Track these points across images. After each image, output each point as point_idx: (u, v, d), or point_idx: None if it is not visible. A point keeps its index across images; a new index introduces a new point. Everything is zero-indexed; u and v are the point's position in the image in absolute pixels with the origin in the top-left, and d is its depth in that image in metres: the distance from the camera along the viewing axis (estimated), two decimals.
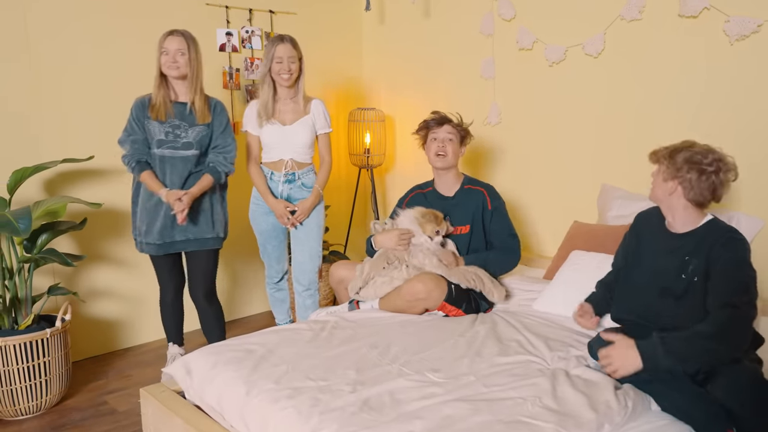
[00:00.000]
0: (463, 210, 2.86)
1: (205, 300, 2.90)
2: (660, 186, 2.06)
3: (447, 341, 2.31)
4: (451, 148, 2.84)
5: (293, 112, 3.01)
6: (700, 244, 2.01)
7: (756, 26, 2.62)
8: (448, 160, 2.85)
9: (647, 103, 3.03)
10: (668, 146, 2.08)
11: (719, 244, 1.97)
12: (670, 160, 2.02)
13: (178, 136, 2.70)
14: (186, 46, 2.67)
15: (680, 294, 2.03)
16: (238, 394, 1.96)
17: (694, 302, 2.00)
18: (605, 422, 1.74)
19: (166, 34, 2.69)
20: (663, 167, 2.04)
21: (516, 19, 3.49)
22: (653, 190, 2.10)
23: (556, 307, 2.61)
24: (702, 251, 1.99)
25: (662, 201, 2.09)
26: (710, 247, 1.98)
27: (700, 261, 1.99)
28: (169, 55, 2.66)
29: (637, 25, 3.01)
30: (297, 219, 3.02)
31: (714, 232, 2.02)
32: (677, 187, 2.02)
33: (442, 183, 2.92)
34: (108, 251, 3.38)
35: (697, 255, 2.00)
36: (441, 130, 2.85)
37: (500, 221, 2.86)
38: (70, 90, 3.19)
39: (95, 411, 2.79)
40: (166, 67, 2.67)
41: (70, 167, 3.17)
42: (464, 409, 1.78)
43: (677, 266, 2.04)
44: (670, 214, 2.10)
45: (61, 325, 2.77)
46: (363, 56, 4.43)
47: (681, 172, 1.99)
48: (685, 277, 2.02)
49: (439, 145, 2.84)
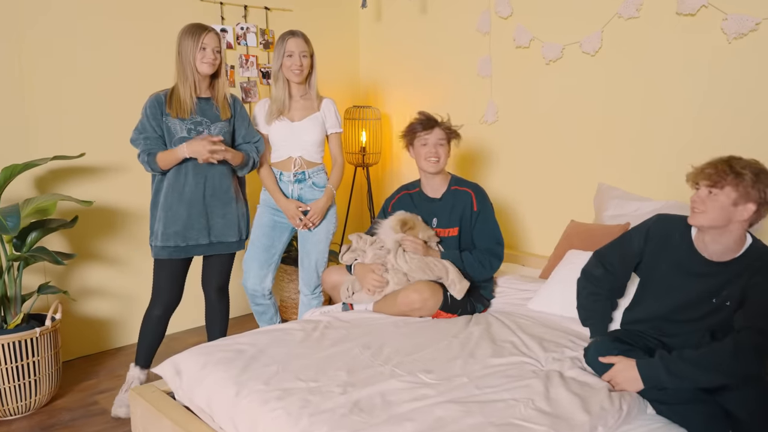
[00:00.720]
0: (451, 212, 2.76)
1: (217, 294, 2.85)
2: (725, 211, 1.84)
3: (440, 342, 2.28)
4: (443, 152, 2.75)
5: (304, 109, 2.93)
6: (741, 273, 1.89)
7: (754, 24, 2.60)
8: (439, 165, 2.75)
9: (645, 101, 3.00)
10: (720, 162, 1.86)
11: (761, 270, 1.86)
12: (745, 180, 1.81)
13: (200, 133, 2.62)
14: (219, 43, 2.62)
15: (704, 315, 1.96)
16: (228, 395, 1.93)
17: (718, 321, 1.94)
18: (599, 425, 1.71)
19: (204, 30, 2.58)
20: (733, 189, 1.82)
21: (513, 16, 3.46)
22: (708, 215, 1.86)
23: (552, 307, 2.59)
24: (741, 278, 1.89)
25: (719, 227, 1.87)
26: (751, 275, 1.87)
27: (736, 287, 1.89)
28: (207, 50, 2.58)
29: (634, 23, 2.98)
30: (310, 219, 2.91)
31: (757, 259, 1.89)
32: (753, 209, 1.83)
33: (429, 185, 2.83)
34: (99, 249, 3.35)
35: (735, 282, 1.90)
36: (431, 135, 2.73)
37: (485, 225, 2.74)
38: (62, 87, 3.16)
39: (85, 411, 2.76)
40: (204, 63, 2.58)
41: (61, 164, 3.13)
42: (456, 411, 1.75)
43: (709, 290, 1.94)
44: (718, 242, 1.91)
45: (51, 324, 2.74)
46: (359, 54, 4.40)
47: (760, 193, 1.80)
48: (716, 302, 1.93)
49: (430, 150, 2.73)
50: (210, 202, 2.69)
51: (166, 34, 3.41)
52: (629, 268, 2.20)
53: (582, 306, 2.26)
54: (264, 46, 3.85)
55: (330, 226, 3.01)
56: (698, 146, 2.78)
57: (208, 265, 2.83)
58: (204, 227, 2.68)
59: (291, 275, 3.84)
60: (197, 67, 2.59)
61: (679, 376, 1.79)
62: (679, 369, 1.80)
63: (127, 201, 3.41)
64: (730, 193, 1.83)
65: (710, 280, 1.94)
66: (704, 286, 1.95)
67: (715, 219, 1.86)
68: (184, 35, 2.59)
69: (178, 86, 2.63)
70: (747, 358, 1.75)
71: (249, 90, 3.81)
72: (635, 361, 1.88)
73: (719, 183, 1.84)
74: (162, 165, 2.61)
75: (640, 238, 2.14)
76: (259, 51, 3.85)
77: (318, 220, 2.95)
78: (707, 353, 1.80)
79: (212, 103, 2.68)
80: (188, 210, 2.65)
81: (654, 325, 2.07)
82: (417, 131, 2.76)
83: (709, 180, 1.85)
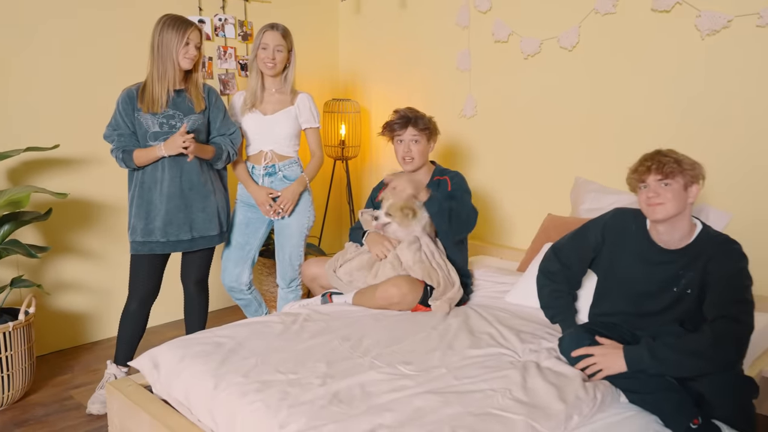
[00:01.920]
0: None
1: (196, 287, 2.83)
2: (679, 197, 1.94)
3: (419, 334, 2.30)
4: (418, 149, 2.77)
5: (277, 102, 2.90)
6: (696, 258, 1.97)
7: (726, 21, 2.65)
8: (416, 163, 2.78)
9: (621, 96, 3.04)
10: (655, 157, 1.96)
11: (717, 256, 1.94)
12: (684, 164, 1.94)
13: (173, 126, 2.58)
14: (201, 39, 2.58)
15: (667, 306, 2.02)
16: (206, 388, 1.92)
17: (684, 310, 2.00)
18: (574, 413, 1.74)
19: (189, 25, 2.54)
20: (680, 175, 1.94)
21: (492, 11, 3.48)
22: (670, 205, 1.95)
23: (529, 300, 2.61)
24: (697, 264, 1.96)
25: (680, 212, 1.96)
26: (707, 260, 1.94)
27: (695, 274, 1.96)
28: (191, 46, 2.54)
29: (611, 19, 3.02)
30: (280, 206, 2.89)
31: (710, 244, 1.97)
32: (698, 188, 1.96)
33: (414, 175, 2.88)
34: (74, 243, 3.31)
35: (692, 268, 1.97)
36: (405, 133, 2.76)
37: (460, 199, 2.72)
38: (35, 77, 3.10)
39: (60, 406, 2.72)
40: (185, 58, 2.54)
41: (35, 156, 3.08)
42: (435, 402, 1.77)
43: (667, 279, 2.01)
44: (674, 229, 2.00)
45: (24, 318, 2.70)
46: (339, 47, 4.39)
47: (698, 170, 1.96)
48: (677, 290, 2.00)
49: (404, 149, 2.77)
50: (189, 196, 2.66)
51: (141, 23, 3.36)
52: (586, 262, 2.25)
53: (547, 306, 2.30)
54: (242, 37, 3.82)
55: (304, 219, 2.99)
56: (671, 138, 2.83)
57: (187, 258, 2.81)
58: (184, 222, 2.66)
59: (270, 268, 3.82)
60: (179, 62, 2.55)
61: (662, 360, 1.84)
62: (662, 354, 1.85)
63: (103, 193, 3.36)
64: (679, 179, 1.94)
65: (668, 268, 2.02)
66: (663, 274, 2.02)
67: (675, 207, 1.94)
68: (165, 28, 2.52)
69: (150, 80, 2.57)
70: (726, 346, 1.81)
71: (227, 82, 3.78)
72: (622, 345, 1.92)
73: (671, 173, 1.93)
74: (138, 163, 2.58)
75: (597, 232, 2.20)
76: (238, 43, 3.82)
77: (289, 207, 2.90)
78: (689, 341, 1.85)
79: (185, 96, 2.64)
80: (167, 205, 2.62)
81: (623, 319, 2.12)
82: (393, 130, 2.79)
83: (661, 173, 1.94)
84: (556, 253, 2.31)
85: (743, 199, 2.70)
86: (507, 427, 1.64)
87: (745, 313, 1.84)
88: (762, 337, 2.49)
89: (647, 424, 1.81)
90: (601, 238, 2.19)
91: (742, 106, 2.68)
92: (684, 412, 1.80)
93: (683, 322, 2.02)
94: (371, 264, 2.69)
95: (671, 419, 1.80)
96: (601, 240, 2.19)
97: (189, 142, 2.52)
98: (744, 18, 2.61)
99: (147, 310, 2.74)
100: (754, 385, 1.86)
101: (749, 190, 2.69)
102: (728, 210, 2.63)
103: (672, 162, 1.94)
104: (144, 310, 2.72)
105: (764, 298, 2.63)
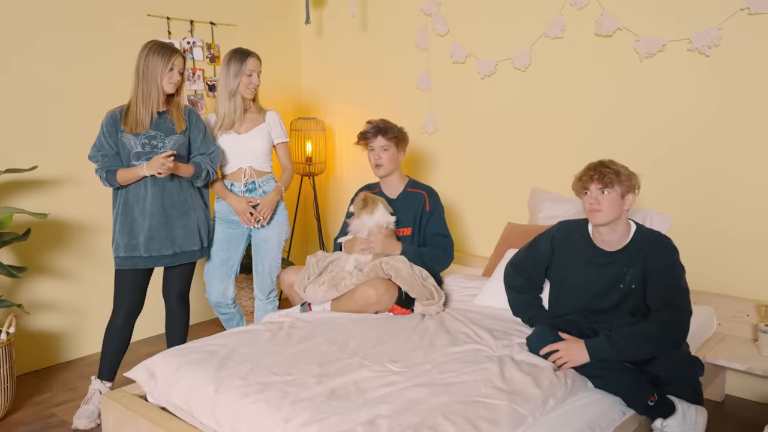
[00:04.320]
0: (406, 212, 3.01)
1: (178, 301, 2.91)
2: (617, 204, 2.19)
3: (401, 335, 2.47)
4: (387, 157, 3.00)
5: (250, 121, 3.04)
6: (635, 255, 2.24)
7: (661, 45, 2.96)
8: (385, 169, 3.01)
9: (570, 112, 3.32)
10: (597, 168, 2.21)
11: (652, 251, 2.21)
12: (622, 175, 2.19)
13: (155, 147, 2.68)
14: (185, 65, 2.70)
15: (618, 301, 2.28)
16: (207, 392, 2.03)
17: (632, 304, 2.26)
18: (549, 397, 1.95)
19: (174, 52, 2.65)
20: (618, 185, 2.18)
21: (449, 34, 3.72)
22: (608, 212, 2.19)
23: (496, 301, 2.82)
24: (637, 261, 2.23)
25: (617, 219, 2.22)
26: (645, 256, 2.22)
27: (636, 270, 2.23)
28: (175, 72, 2.65)
29: (559, 43, 3.31)
30: (260, 214, 2.99)
31: (645, 241, 2.25)
32: (633, 197, 2.21)
33: (386, 185, 3.09)
34: (49, 262, 3.33)
35: (633, 265, 2.23)
36: (375, 141, 3.00)
37: (436, 223, 3.00)
38: (12, 98, 3.14)
39: (44, 424, 2.75)
40: (169, 83, 2.65)
41: (11, 177, 3.10)
42: (425, 393, 1.94)
43: (613, 278, 2.27)
44: (612, 232, 2.26)
45: (6, 337, 2.72)
46: (302, 68, 4.55)
47: (634, 181, 2.21)
48: (624, 287, 2.26)
49: (375, 156, 3.01)
50: (170, 213, 2.75)
51: (115, 47, 3.46)
52: (542, 271, 2.52)
53: (522, 313, 2.53)
54: (210, 59, 3.93)
55: (282, 233, 3.13)
56: (617, 149, 3.11)
57: (169, 273, 2.89)
58: (166, 238, 2.75)
59: (241, 282, 3.92)
60: (163, 87, 2.66)
61: (620, 348, 2.09)
62: (618, 342, 2.10)
63: (79, 214, 3.40)
64: (617, 189, 2.20)
65: (612, 268, 2.28)
66: (609, 274, 2.29)
67: (612, 213, 2.20)
68: (152, 53, 2.63)
69: (135, 102, 2.67)
70: (671, 330, 2.08)
71: (196, 103, 3.88)
72: (583, 340, 2.16)
73: (609, 183, 2.19)
74: (121, 181, 2.68)
75: (546, 244, 2.48)
76: (206, 65, 3.93)
77: (268, 214, 3.04)
78: (641, 329, 2.12)
79: (166, 117, 2.75)
80: (149, 221, 2.71)
81: (581, 315, 2.36)
82: (366, 138, 3.03)
83: (601, 182, 2.20)
84: (515, 268, 2.58)
85: (681, 204, 3.00)
86: (492, 411, 1.83)
87: (684, 300, 2.15)
88: (704, 329, 2.80)
89: (612, 405, 2.04)
90: (551, 249, 2.46)
91: (676, 120, 2.99)
92: (642, 392, 2.04)
93: (633, 313, 2.28)
94: (334, 281, 2.82)
95: (632, 399, 2.04)
96: (551, 251, 2.46)
97: (168, 162, 2.61)
98: (676, 42, 2.93)
99: (131, 324, 2.81)
100: (700, 363, 2.12)
101: (685, 196, 2.99)
102: (669, 214, 2.93)
103: (611, 173, 2.20)
104: (129, 324, 2.79)
105: (703, 293, 2.93)
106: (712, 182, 2.92)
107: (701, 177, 2.95)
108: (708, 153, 2.92)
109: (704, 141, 2.92)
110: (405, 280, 2.75)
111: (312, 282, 2.84)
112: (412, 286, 2.75)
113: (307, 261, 2.96)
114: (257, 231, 3.08)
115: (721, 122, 2.87)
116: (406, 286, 2.75)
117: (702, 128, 2.92)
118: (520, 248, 2.64)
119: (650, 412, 2.03)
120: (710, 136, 2.90)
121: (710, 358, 2.63)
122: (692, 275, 2.40)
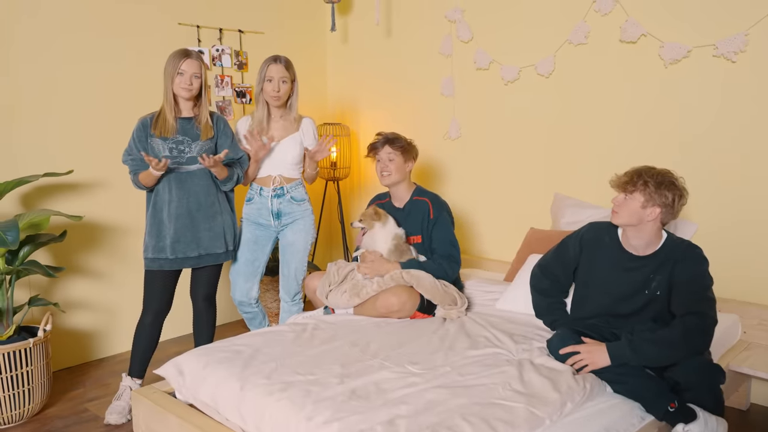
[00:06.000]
0: (413, 220, 3.04)
1: (205, 302, 2.98)
2: (636, 212, 2.20)
3: (421, 338, 2.51)
4: (394, 166, 3.03)
5: (283, 129, 3.09)
6: (664, 263, 2.24)
7: (686, 52, 2.96)
8: (391, 179, 3.04)
9: (594, 118, 3.33)
10: (632, 173, 2.22)
11: (681, 260, 2.21)
12: (649, 187, 2.16)
13: (182, 151, 2.77)
14: (200, 68, 2.77)
15: (641, 306, 2.28)
16: (233, 389, 2.10)
17: (655, 310, 2.27)
18: (568, 401, 1.97)
19: (183, 56, 2.73)
20: (641, 194, 2.17)
21: (473, 41, 3.76)
22: (622, 216, 2.22)
23: (518, 306, 2.85)
24: (665, 268, 2.23)
25: (635, 225, 2.23)
26: (674, 264, 2.22)
27: (663, 277, 2.23)
28: (185, 77, 2.73)
29: (583, 49, 3.32)
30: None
31: (675, 250, 2.25)
32: (658, 211, 2.19)
33: (394, 195, 3.14)
34: (84, 263, 3.45)
35: (661, 272, 2.24)
36: (382, 151, 3.05)
37: (441, 230, 2.99)
38: (49, 105, 3.27)
39: (78, 418, 2.85)
40: (181, 88, 2.73)
41: (48, 181, 3.23)
42: (444, 395, 1.98)
43: (639, 283, 2.28)
44: (637, 237, 2.26)
45: (43, 335, 2.83)
46: (327, 74, 4.63)
47: (662, 198, 2.17)
48: (648, 293, 2.27)
49: (382, 166, 3.05)
50: (196, 216, 2.84)
51: (147, 54, 3.58)
52: (570, 274, 2.53)
53: (546, 316, 2.55)
54: (238, 66, 4.03)
55: (308, 237, 3.19)
56: (640, 156, 3.10)
57: (195, 275, 2.98)
58: (191, 240, 2.83)
59: (267, 285, 4.00)
60: (174, 91, 2.75)
61: (642, 353, 2.10)
62: (641, 347, 2.11)
63: (111, 216, 3.52)
64: (638, 198, 2.21)
65: (639, 272, 2.29)
66: (635, 278, 2.29)
67: (627, 218, 2.23)
68: (168, 59, 2.76)
69: (164, 106, 2.79)
70: (695, 338, 2.09)
71: (224, 109, 3.98)
72: (605, 343, 2.18)
73: (630, 190, 2.22)
74: (144, 183, 2.77)
75: (575, 246, 2.48)
76: (234, 71, 4.03)
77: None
78: (663, 335, 2.12)
79: (193, 123, 2.83)
80: (175, 224, 2.80)
81: (603, 320, 2.37)
82: (374, 149, 3.09)
83: (623, 188, 2.24)
84: (542, 271, 2.58)
85: (708, 210, 2.99)
86: (510, 414, 1.86)
87: (710, 308, 2.14)
88: (728, 336, 2.78)
89: (631, 410, 2.05)
90: (579, 249, 2.46)
91: (700, 127, 2.98)
92: (662, 398, 2.04)
93: (656, 320, 2.28)
94: (356, 289, 2.88)
95: (652, 404, 2.05)
96: (579, 251, 2.46)
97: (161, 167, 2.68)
98: (701, 48, 2.92)
99: (160, 323, 2.90)
100: (721, 371, 2.12)
101: (713, 203, 2.98)
102: (694, 221, 2.92)
103: (638, 181, 2.20)
104: (158, 322, 2.89)
105: (728, 300, 2.91)
106: (739, 190, 2.90)
107: (728, 185, 2.93)
108: (735, 161, 2.90)
109: (732, 149, 2.90)
110: (427, 289, 2.79)
111: (334, 289, 2.90)
112: (434, 294, 2.79)
113: (327, 269, 3.02)
114: (284, 234, 3.15)
115: (748, 129, 2.85)
116: (428, 294, 2.79)
117: (728, 136, 2.91)
118: (547, 251, 2.65)
119: (669, 418, 2.03)
120: (738, 144, 2.89)
121: (734, 366, 2.61)
122: (717, 282, 2.39)
